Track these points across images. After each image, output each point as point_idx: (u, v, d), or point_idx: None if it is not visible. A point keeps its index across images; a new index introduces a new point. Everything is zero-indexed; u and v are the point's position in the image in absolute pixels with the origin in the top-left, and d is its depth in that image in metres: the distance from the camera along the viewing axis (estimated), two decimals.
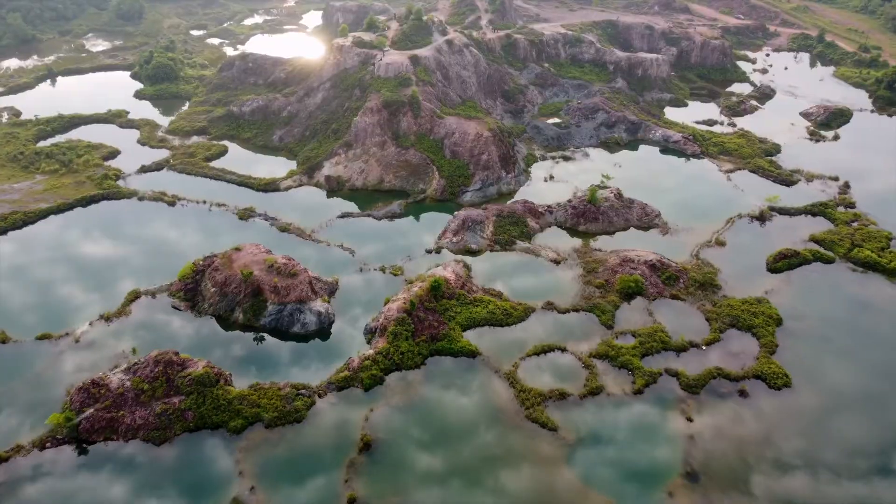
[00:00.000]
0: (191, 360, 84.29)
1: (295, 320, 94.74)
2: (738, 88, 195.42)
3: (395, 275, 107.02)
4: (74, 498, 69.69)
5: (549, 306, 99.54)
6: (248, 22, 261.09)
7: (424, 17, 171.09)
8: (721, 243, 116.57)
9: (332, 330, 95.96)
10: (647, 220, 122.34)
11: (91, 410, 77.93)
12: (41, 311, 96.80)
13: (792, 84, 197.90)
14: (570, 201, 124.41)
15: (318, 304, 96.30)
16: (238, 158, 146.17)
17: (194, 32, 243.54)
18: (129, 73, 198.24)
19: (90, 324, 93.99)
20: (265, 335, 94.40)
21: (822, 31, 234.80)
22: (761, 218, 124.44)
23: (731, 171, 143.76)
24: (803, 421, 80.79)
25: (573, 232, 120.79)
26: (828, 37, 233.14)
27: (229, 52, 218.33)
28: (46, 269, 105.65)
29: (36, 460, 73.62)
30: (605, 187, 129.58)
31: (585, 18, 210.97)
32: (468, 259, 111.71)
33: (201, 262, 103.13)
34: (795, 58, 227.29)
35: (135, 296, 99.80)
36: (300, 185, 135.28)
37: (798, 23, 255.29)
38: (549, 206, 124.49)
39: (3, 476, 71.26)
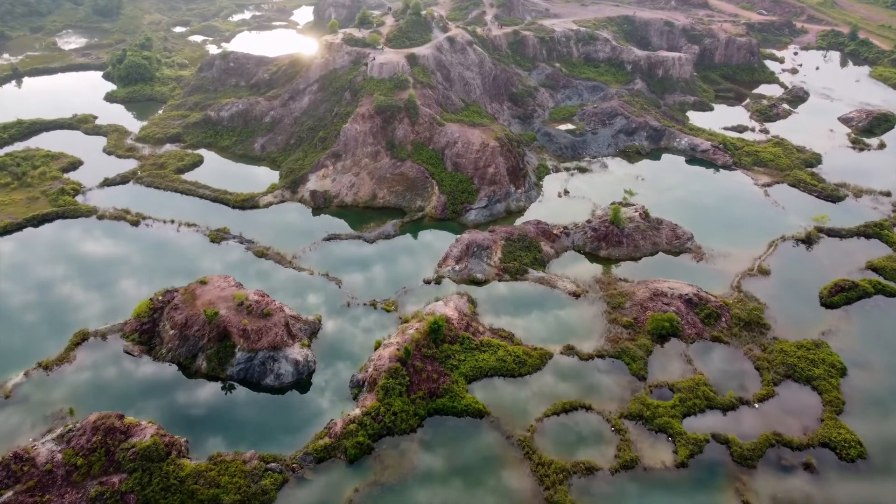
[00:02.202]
0: (137, 425, 70.62)
1: (267, 370, 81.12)
2: (767, 90, 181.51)
3: (388, 311, 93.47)
4: None
5: (570, 351, 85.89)
6: (234, 18, 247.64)
7: (423, 12, 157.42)
8: (765, 272, 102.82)
9: (312, 380, 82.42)
10: (678, 244, 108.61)
11: (10, 494, 64.29)
12: None
13: (826, 86, 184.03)
14: (589, 222, 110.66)
15: (296, 351, 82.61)
16: (214, 170, 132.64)
17: (176, 29, 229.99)
18: (102, 73, 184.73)
19: (25, 374, 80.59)
20: (233, 387, 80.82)
21: (854, 28, 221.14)
22: (808, 241, 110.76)
23: (769, 184, 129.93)
24: None
25: (593, 257, 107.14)
26: (860, 34, 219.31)
27: (213, 50, 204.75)
28: None
29: None
30: (629, 205, 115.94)
31: (599, 14, 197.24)
32: (473, 290, 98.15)
33: (160, 298, 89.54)
34: (825, 57, 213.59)
35: (82, 337, 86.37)
36: (282, 202, 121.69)
37: (826, 19, 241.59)
38: (565, 228, 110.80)
39: None
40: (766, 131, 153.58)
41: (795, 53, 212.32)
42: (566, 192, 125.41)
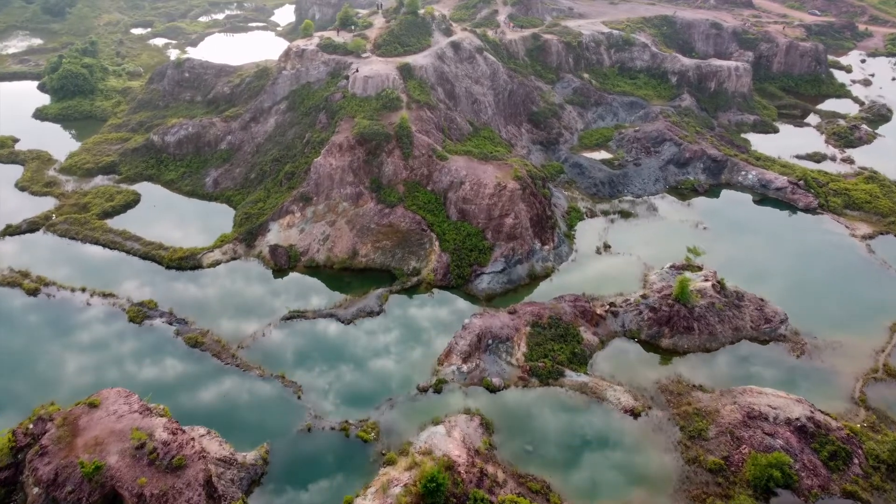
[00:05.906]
0: None
1: None
2: (836, 105, 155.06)
3: (366, 439, 67.18)
4: None
5: None
6: (206, 18, 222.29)
7: (421, 11, 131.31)
8: (895, 374, 76.15)
9: None
10: (768, 330, 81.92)
11: None
12: None
13: None
14: (645, 297, 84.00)
15: None
16: (152, 212, 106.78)
17: (136, 31, 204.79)
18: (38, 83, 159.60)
19: None
20: None
21: None
22: None
23: (870, 236, 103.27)
24: None
25: (651, 347, 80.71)
26: None
27: (175, 56, 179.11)
28: None
29: None
30: (696, 269, 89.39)
31: (632, 13, 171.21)
32: (486, 401, 71.92)
33: (28, 430, 63.06)
34: (894, 65, 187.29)
35: None
36: (233, 259, 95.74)
37: (892, 20, 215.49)
38: (611, 304, 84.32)
39: None
40: (850, 160, 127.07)
41: (863, 61, 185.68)
42: (606, 247, 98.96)
